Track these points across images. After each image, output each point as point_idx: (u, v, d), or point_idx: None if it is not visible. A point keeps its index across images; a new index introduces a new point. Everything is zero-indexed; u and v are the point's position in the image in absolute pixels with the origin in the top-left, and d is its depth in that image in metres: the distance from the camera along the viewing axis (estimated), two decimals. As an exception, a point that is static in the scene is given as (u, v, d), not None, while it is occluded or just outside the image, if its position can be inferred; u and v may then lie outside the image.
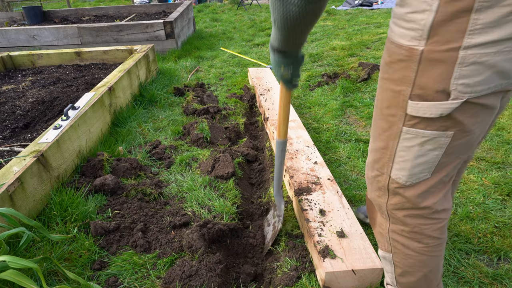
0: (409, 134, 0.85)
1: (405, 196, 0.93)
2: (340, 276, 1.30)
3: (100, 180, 1.89)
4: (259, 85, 3.14)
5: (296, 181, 1.78)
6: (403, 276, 1.07)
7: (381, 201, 1.01)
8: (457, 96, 0.75)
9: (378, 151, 0.96)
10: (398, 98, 0.83)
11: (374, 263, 1.31)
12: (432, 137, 0.82)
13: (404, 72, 0.79)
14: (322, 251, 1.36)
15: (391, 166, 0.93)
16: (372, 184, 1.03)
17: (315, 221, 1.51)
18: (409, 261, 1.02)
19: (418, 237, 0.97)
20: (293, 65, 1.10)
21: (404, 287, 1.10)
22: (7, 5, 8.61)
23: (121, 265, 1.47)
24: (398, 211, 0.97)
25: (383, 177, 0.96)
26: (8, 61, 3.67)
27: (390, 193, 0.97)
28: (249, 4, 8.62)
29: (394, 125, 0.87)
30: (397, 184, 0.93)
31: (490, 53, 0.70)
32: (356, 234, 1.44)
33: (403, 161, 0.90)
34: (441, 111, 0.77)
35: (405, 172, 0.91)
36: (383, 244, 1.08)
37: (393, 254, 1.05)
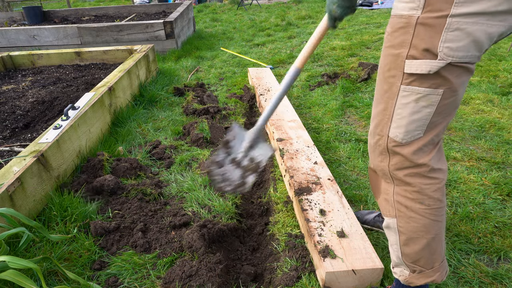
0: (406, 91, 0.99)
1: (403, 154, 1.05)
2: (341, 276, 1.30)
3: (100, 180, 1.88)
4: (259, 85, 3.14)
5: (296, 181, 1.78)
6: (407, 245, 1.12)
7: (384, 165, 1.10)
8: (443, 58, 0.91)
9: (379, 114, 1.08)
10: (397, 60, 0.98)
11: (375, 263, 1.31)
12: (426, 94, 0.97)
13: (403, 36, 0.95)
14: (323, 251, 1.36)
15: (389, 125, 1.05)
16: (375, 151, 1.12)
17: (315, 221, 1.51)
18: (412, 225, 1.09)
19: (420, 197, 1.06)
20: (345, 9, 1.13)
21: (408, 259, 1.14)
22: (7, 5, 8.61)
23: (121, 265, 1.47)
24: (399, 171, 1.07)
25: (383, 139, 1.08)
26: (8, 61, 3.67)
27: (390, 153, 1.08)
28: (249, 4, 8.62)
29: (393, 85, 1.01)
30: (394, 142, 1.05)
31: (469, 22, 0.87)
32: (356, 234, 1.44)
33: (400, 118, 1.02)
34: (429, 68, 0.93)
35: (402, 129, 1.03)
36: (388, 210, 1.15)
37: (397, 219, 1.12)
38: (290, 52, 4.56)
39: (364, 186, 1.96)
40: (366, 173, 2.07)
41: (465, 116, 2.61)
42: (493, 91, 2.96)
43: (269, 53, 4.65)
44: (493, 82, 3.13)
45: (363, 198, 1.86)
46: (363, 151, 2.27)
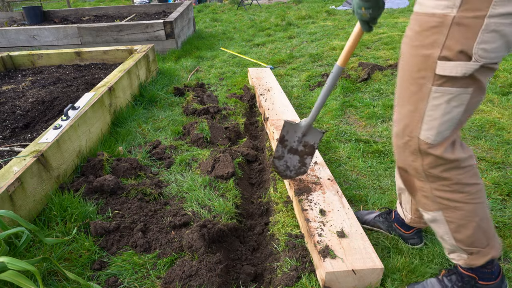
0: (437, 92, 0.97)
1: (435, 154, 1.05)
2: (341, 276, 1.30)
3: (100, 180, 1.88)
4: (259, 85, 3.14)
5: (296, 181, 1.78)
6: (458, 232, 1.13)
7: (417, 164, 1.10)
8: (477, 59, 0.89)
9: (407, 116, 1.07)
10: (428, 61, 0.95)
11: (374, 263, 1.31)
12: (457, 94, 0.96)
13: (435, 36, 0.92)
14: (323, 251, 1.36)
15: (420, 127, 1.04)
16: (405, 151, 1.12)
17: (315, 221, 1.51)
18: (459, 213, 1.10)
19: (458, 187, 1.08)
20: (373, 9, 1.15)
21: (463, 243, 1.15)
22: (7, 5, 8.61)
23: (121, 265, 1.47)
24: (434, 169, 1.07)
25: (413, 140, 1.07)
26: (8, 61, 3.67)
27: (422, 154, 1.07)
28: (249, 4, 8.62)
29: (424, 86, 0.99)
30: (426, 144, 1.05)
31: (506, 23, 0.85)
32: (356, 234, 1.44)
33: (432, 120, 1.01)
34: (464, 71, 0.91)
35: (433, 131, 1.02)
36: (430, 205, 1.15)
37: (443, 211, 1.13)
38: (290, 52, 4.56)
39: (364, 186, 1.96)
40: (366, 173, 2.07)
41: (465, 116, 2.61)
42: (493, 91, 2.96)
43: (269, 53, 4.65)
44: (493, 82, 3.13)
45: (363, 198, 1.86)
46: (363, 151, 2.27)
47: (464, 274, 1.23)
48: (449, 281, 1.27)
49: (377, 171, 2.07)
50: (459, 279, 1.24)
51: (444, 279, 1.28)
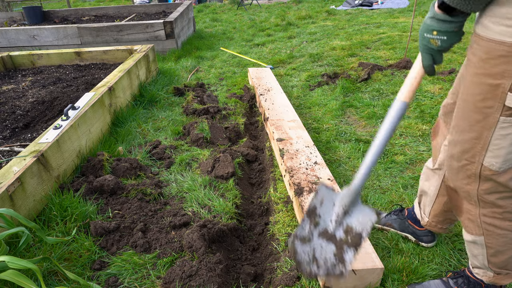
0: (506, 123, 0.93)
1: (498, 181, 1.01)
2: None
3: (100, 180, 1.88)
4: (259, 85, 3.14)
5: (296, 181, 1.78)
6: (495, 256, 1.13)
7: (471, 188, 1.07)
8: None
9: (468, 142, 1.02)
10: (496, 91, 0.91)
11: (374, 263, 1.31)
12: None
13: (505, 66, 0.87)
14: None
15: (484, 154, 1.00)
16: (459, 174, 1.09)
17: None
18: (502, 240, 1.09)
19: (509, 216, 1.05)
20: (449, 36, 0.95)
21: (496, 266, 1.16)
22: (7, 5, 8.61)
23: (121, 265, 1.47)
24: (490, 195, 1.05)
25: (474, 165, 1.03)
26: (8, 61, 3.67)
27: (481, 179, 1.04)
28: (249, 4, 8.62)
29: (490, 116, 0.95)
30: (490, 171, 1.01)
31: None
32: None
33: (498, 148, 0.98)
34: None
35: (500, 159, 0.99)
36: (473, 229, 1.14)
37: (485, 237, 1.11)
38: (290, 52, 4.56)
39: (364, 186, 1.96)
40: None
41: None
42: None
43: (269, 53, 4.65)
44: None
45: (363, 198, 1.86)
46: (363, 151, 2.27)
47: (471, 279, 1.25)
48: (455, 283, 1.28)
49: (377, 171, 2.07)
50: (466, 282, 1.25)
51: (450, 281, 1.29)
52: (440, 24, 0.94)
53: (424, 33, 0.98)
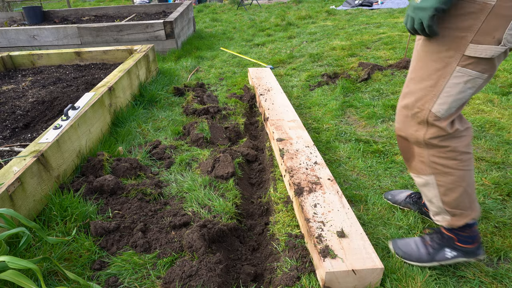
0: (460, 72, 1.07)
1: (440, 126, 1.16)
2: (340, 276, 1.30)
3: (100, 180, 1.88)
4: (259, 85, 3.14)
5: (296, 181, 1.78)
6: (447, 195, 1.26)
7: (419, 134, 1.21)
8: (505, 44, 0.99)
9: (423, 90, 1.16)
10: (460, 42, 1.04)
11: (375, 263, 1.31)
12: (475, 77, 1.06)
13: (472, 21, 1.00)
14: (322, 251, 1.36)
15: (435, 101, 1.14)
16: (411, 121, 1.22)
17: (315, 221, 1.51)
18: (449, 177, 1.23)
19: (453, 155, 1.20)
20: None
21: (449, 205, 1.28)
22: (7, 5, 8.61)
23: (121, 265, 1.47)
24: (435, 139, 1.19)
25: (423, 112, 1.17)
26: (8, 61, 3.67)
27: (428, 125, 1.18)
28: (249, 4, 8.62)
29: (449, 65, 1.08)
30: (435, 117, 1.16)
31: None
32: (356, 234, 1.44)
33: (447, 96, 1.11)
34: (493, 53, 1.01)
35: (446, 106, 1.13)
36: (424, 169, 1.27)
37: (435, 175, 1.25)
38: (290, 52, 4.56)
39: (364, 186, 1.96)
40: (366, 173, 2.07)
41: (465, 116, 2.61)
42: (493, 91, 2.96)
43: (269, 53, 4.65)
44: (493, 82, 3.13)
45: (363, 198, 1.86)
46: (363, 151, 2.27)
47: (445, 234, 1.38)
48: (431, 239, 1.41)
49: (377, 171, 2.07)
50: (440, 237, 1.39)
51: (426, 237, 1.43)
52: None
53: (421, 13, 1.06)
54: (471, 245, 1.35)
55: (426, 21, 1.04)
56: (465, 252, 1.35)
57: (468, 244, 1.34)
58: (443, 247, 1.37)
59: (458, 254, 1.36)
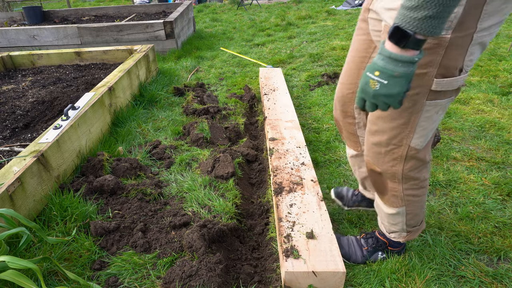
0: (430, 106, 1.06)
1: (419, 157, 1.17)
2: (301, 276, 1.29)
3: (100, 180, 1.88)
4: (266, 85, 3.14)
5: (278, 180, 1.79)
6: (412, 219, 1.33)
7: (396, 169, 1.21)
8: (466, 70, 0.99)
9: (397, 128, 1.13)
10: (423, 79, 1.00)
11: (337, 266, 1.30)
12: (445, 104, 1.06)
13: (431, 57, 0.96)
14: (286, 251, 1.36)
15: (412, 137, 1.13)
16: (385, 158, 1.21)
17: (287, 221, 1.52)
18: (417, 205, 1.29)
19: (423, 184, 1.25)
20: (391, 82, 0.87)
21: (411, 226, 1.36)
22: (7, 5, 8.61)
23: (121, 265, 1.47)
24: (412, 171, 1.20)
25: (401, 148, 1.16)
26: (8, 61, 3.67)
27: (406, 159, 1.18)
28: (249, 4, 8.62)
29: (418, 102, 1.05)
30: (415, 150, 1.16)
31: (487, 35, 0.94)
32: (326, 236, 1.43)
33: (423, 129, 1.11)
34: (459, 83, 1.01)
35: (423, 138, 1.13)
36: (397, 203, 1.29)
37: (406, 206, 1.29)
38: (290, 52, 4.56)
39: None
40: (366, 173, 2.07)
41: (465, 116, 2.61)
42: (493, 91, 2.96)
43: (269, 53, 4.65)
44: (493, 82, 3.13)
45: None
46: (363, 151, 2.27)
47: (380, 239, 1.47)
48: (366, 242, 1.50)
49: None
50: (375, 242, 1.48)
51: (362, 240, 1.51)
52: (385, 63, 0.85)
53: (367, 71, 0.90)
54: (398, 248, 1.47)
55: (397, 104, 0.90)
56: (393, 253, 1.48)
57: (396, 248, 1.47)
58: (377, 250, 1.48)
59: (386, 255, 1.48)
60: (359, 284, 1.40)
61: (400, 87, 0.86)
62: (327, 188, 1.96)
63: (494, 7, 0.89)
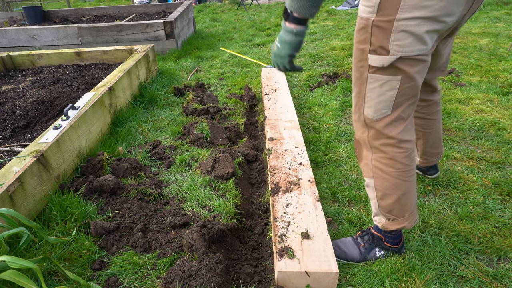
0: (372, 79, 1.21)
1: (376, 128, 1.28)
2: (294, 276, 1.29)
3: (100, 180, 1.88)
4: (267, 84, 3.14)
5: (275, 180, 1.79)
6: (382, 199, 1.37)
7: (364, 136, 1.33)
8: (394, 53, 1.12)
9: (355, 96, 1.31)
10: (363, 53, 1.19)
11: (330, 266, 1.30)
12: (387, 80, 1.19)
13: (365, 35, 1.16)
14: (281, 251, 1.36)
15: (364, 105, 1.28)
16: (357, 125, 1.35)
17: (283, 221, 1.52)
18: (386, 184, 1.33)
19: (391, 163, 1.30)
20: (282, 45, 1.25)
21: (384, 210, 1.39)
22: (7, 5, 8.61)
23: (121, 265, 1.47)
24: (375, 141, 1.31)
25: (361, 116, 1.31)
26: (8, 61, 3.67)
27: (368, 127, 1.30)
28: (249, 4, 8.62)
29: (363, 74, 1.23)
30: (369, 119, 1.28)
31: (411, 25, 1.06)
32: (321, 237, 1.43)
33: (370, 100, 1.25)
34: (382, 62, 1.15)
35: (372, 109, 1.26)
36: (367, 172, 1.38)
37: (375, 179, 1.36)
38: (290, 52, 4.56)
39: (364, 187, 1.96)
40: (366, 173, 2.07)
41: (465, 116, 2.61)
42: (493, 91, 2.96)
43: (269, 53, 4.65)
44: (493, 82, 3.13)
45: (363, 198, 1.86)
46: (363, 151, 2.27)
47: (375, 235, 1.50)
48: (362, 239, 1.53)
49: (377, 171, 2.07)
50: (370, 238, 1.51)
51: (358, 238, 1.54)
52: (281, 32, 1.23)
53: (275, 40, 1.28)
54: (397, 246, 1.48)
55: (287, 65, 1.28)
56: (391, 251, 1.49)
57: (394, 245, 1.48)
58: (374, 247, 1.50)
59: (385, 252, 1.49)
60: (359, 284, 1.40)
61: (285, 50, 1.24)
62: (326, 188, 1.96)
63: (415, 2, 1.03)
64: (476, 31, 4.69)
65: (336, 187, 1.96)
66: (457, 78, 3.28)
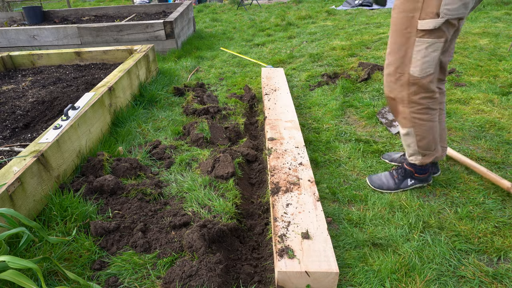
0: (419, 42, 1.48)
1: (420, 84, 1.56)
2: (294, 276, 1.29)
3: (100, 180, 1.88)
4: (267, 85, 3.14)
5: (275, 180, 1.79)
6: (421, 141, 1.70)
7: (403, 93, 1.61)
8: (443, 16, 1.39)
9: (398, 60, 1.56)
10: (412, 20, 1.45)
11: (330, 266, 1.30)
12: (432, 43, 1.47)
13: (414, 4, 1.43)
14: (281, 251, 1.36)
15: (410, 66, 1.54)
16: (395, 85, 1.62)
17: (283, 221, 1.52)
18: (423, 128, 1.66)
19: (427, 110, 1.63)
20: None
21: (422, 148, 1.73)
22: (7, 5, 8.61)
23: (121, 265, 1.47)
24: (415, 96, 1.59)
25: (405, 75, 1.57)
26: (8, 61, 3.67)
27: (409, 85, 1.57)
28: (249, 4, 8.62)
29: (410, 39, 1.49)
30: (414, 77, 1.55)
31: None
32: (321, 236, 1.43)
33: (416, 60, 1.52)
34: (435, 24, 1.41)
35: (418, 68, 1.53)
36: (406, 124, 1.68)
37: (414, 128, 1.67)
38: (290, 52, 4.56)
39: (364, 186, 1.96)
40: (366, 173, 2.07)
41: (465, 116, 2.61)
42: (493, 91, 2.96)
43: (269, 53, 4.65)
44: (493, 82, 3.13)
45: (363, 198, 1.86)
46: (363, 151, 2.27)
47: (406, 169, 1.85)
48: (397, 173, 1.88)
49: (377, 171, 2.07)
50: (403, 171, 1.86)
51: (393, 171, 1.91)
52: None
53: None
54: (424, 175, 1.84)
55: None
56: (420, 180, 1.85)
57: (422, 174, 1.83)
58: (406, 178, 1.85)
59: (415, 182, 1.86)
60: (359, 284, 1.40)
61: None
62: (327, 188, 1.96)
63: None
64: (476, 31, 4.69)
65: (336, 187, 1.96)
66: (457, 78, 3.28)
